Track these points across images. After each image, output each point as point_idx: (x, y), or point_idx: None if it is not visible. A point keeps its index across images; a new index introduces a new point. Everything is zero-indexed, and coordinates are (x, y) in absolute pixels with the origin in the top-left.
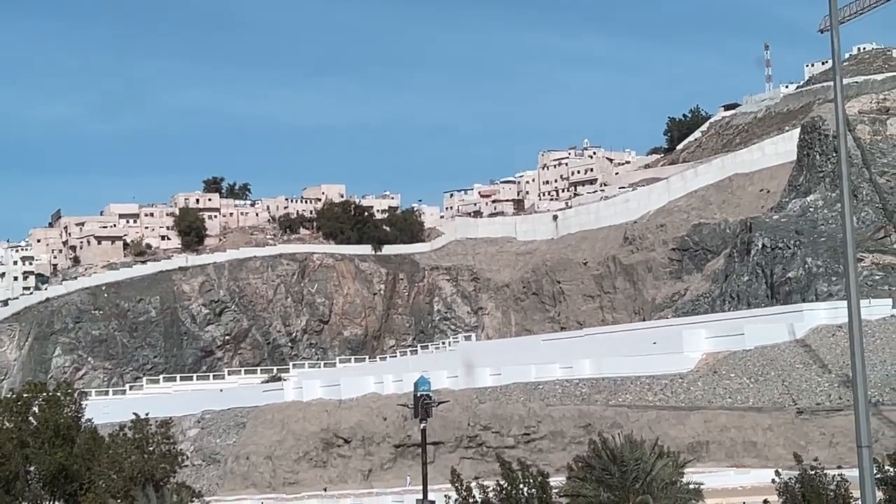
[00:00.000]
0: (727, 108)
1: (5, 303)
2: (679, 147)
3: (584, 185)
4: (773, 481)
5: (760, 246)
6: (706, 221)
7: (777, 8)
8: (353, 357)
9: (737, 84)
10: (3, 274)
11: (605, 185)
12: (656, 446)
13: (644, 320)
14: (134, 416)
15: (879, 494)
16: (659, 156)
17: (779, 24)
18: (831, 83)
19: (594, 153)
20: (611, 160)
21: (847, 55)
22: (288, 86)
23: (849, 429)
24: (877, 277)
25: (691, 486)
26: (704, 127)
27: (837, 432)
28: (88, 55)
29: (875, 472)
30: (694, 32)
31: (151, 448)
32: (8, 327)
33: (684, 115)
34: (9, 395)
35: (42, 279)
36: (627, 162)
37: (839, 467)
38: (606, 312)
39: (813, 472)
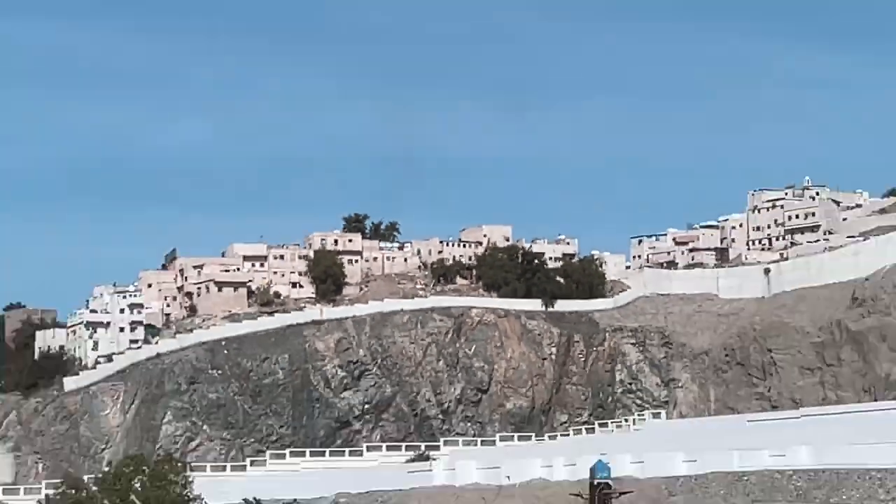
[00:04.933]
0: None
1: (109, 358)
2: None
3: (803, 233)
4: None
5: None
6: None
7: None
8: (516, 434)
9: None
10: (108, 324)
11: (829, 232)
12: None
13: (876, 400)
14: (250, 501)
15: None
16: None
17: None
18: None
19: (817, 194)
20: (837, 203)
21: None
22: (446, 111)
23: None
24: None
25: None
26: None
27: None
28: (221, 69)
29: None
30: None
31: None
32: (112, 387)
33: None
34: (108, 469)
35: (152, 331)
36: (858, 205)
37: None
38: (829, 389)
39: None
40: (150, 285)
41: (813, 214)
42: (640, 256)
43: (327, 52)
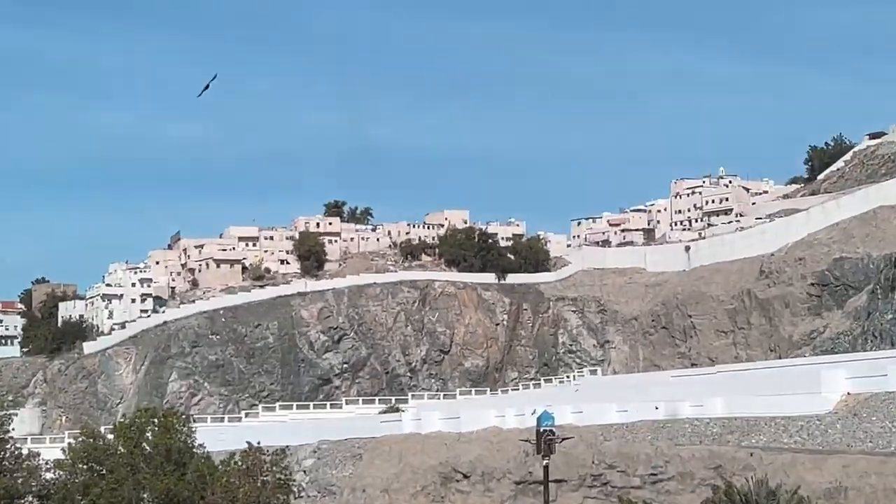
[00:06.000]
0: (872, 136)
1: (123, 325)
2: (820, 177)
3: (718, 216)
4: None
5: None
6: (848, 256)
7: None
8: (473, 389)
9: (883, 112)
10: (122, 296)
11: (740, 215)
12: (795, 493)
13: (780, 358)
14: (247, 445)
15: None
16: (799, 186)
17: None
18: None
19: (730, 182)
20: (747, 189)
21: None
22: (413, 109)
23: None
24: None
25: None
26: (848, 156)
27: None
28: (221, 73)
29: None
30: (839, 57)
31: (266, 477)
32: (125, 350)
33: (826, 144)
34: (122, 420)
35: (160, 302)
36: (765, 192)
37: None
38: (740, 349)
39: None
40: (157, 262)
41: (727, 199)
42: (579, 236)
43: (299, 53)
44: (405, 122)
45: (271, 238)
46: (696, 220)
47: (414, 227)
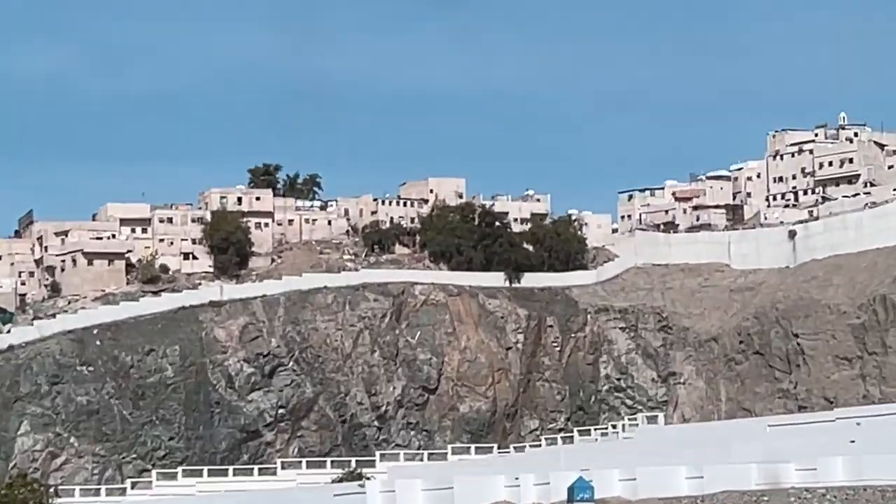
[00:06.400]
0: None
1: None
2: None
3: (838, 185)
4: None
5: None
6: None
7: None
8: (473, 446)
9: None
10: None
11: (871, 184)
12: None
13: None
14: None
15: None
16: None
17: None
18: None
19: (855, 135)
20: (882, 146)
21: None
22: (382, 30)
23: None
24: None
25: None
26: None
27: None
28: None
29: None
30: None
31: None
32: None
33: None
34: None
35: (4, 317)
36: None
37: None
38: (871, 385)
39: None
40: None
41: (850, 161)
42: (630, 217)
43: None
44: (371, 49)
45: (170, 221)
46: (806, 193)
47: (383, 203)
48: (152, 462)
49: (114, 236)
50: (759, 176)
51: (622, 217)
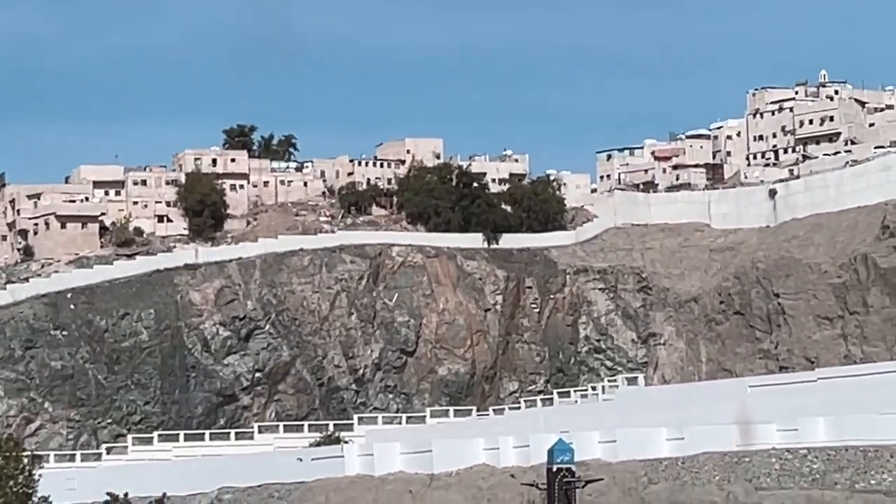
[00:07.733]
0: None
1: None
2: None
3: (819, 143)
4: None
5: None
6: None
7: None
8: (452, 409)
9: None
10: None
11: (852, 142)
12: None
13: None
14: (108, 497)
15: None
16: None
17: None
18: None
19: (836, 93)
20: (862, 104)
21: None
22: None
23: None
24: None
25: None
26: None
27: None
28: None
29: None
30: None
31: None
32: None
33: None
34: None
35: None
36: (889, 106)
37: None
38: (852, 344)
39: None
40: None
41: (831, 119)
42: (609, 177)
43: None
44: (347, 9)
45: (143, 183)
46: (786, 151)
47: (360, 164)
48: (128, 427)
49: (87, 199)
50: (738, 135)
51: (601, 177)
